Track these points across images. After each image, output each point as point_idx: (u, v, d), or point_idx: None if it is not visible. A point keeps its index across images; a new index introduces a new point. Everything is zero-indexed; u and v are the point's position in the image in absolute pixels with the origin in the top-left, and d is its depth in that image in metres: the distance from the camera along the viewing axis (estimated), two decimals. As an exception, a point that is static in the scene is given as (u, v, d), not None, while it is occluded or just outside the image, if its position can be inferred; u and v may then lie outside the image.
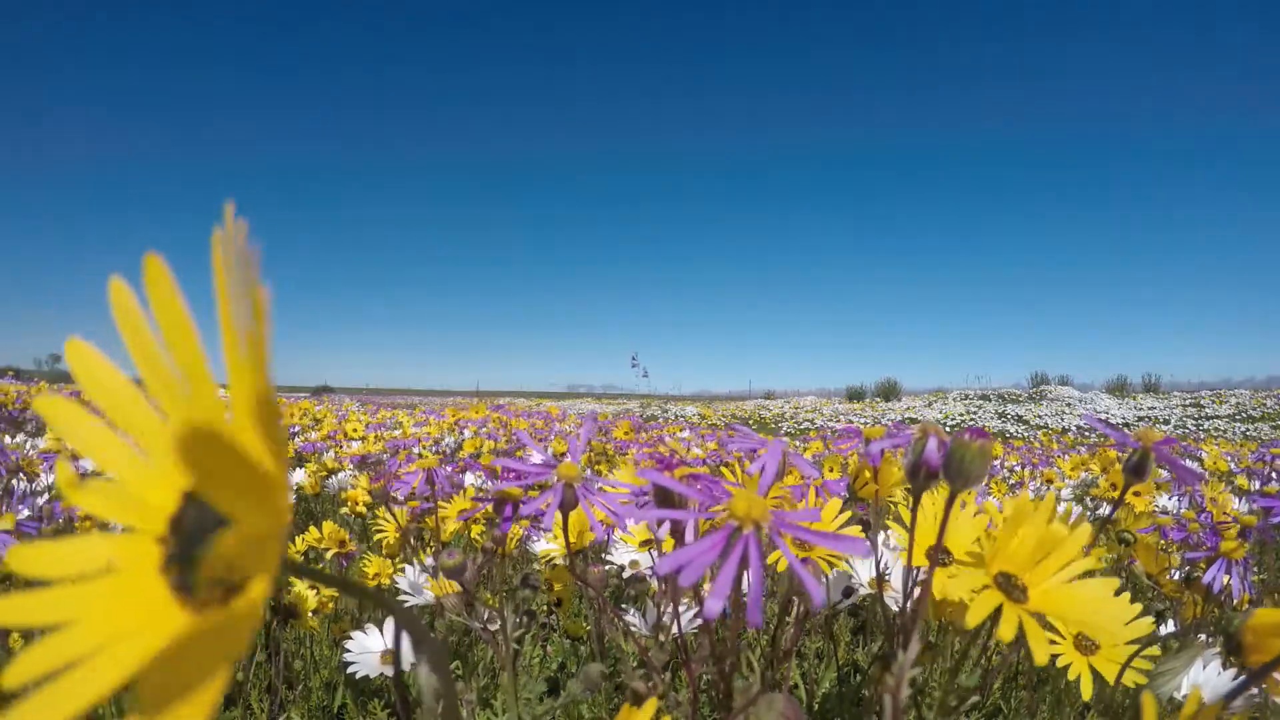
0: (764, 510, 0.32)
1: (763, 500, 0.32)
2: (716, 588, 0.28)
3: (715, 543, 0.30)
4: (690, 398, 23.55)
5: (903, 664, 0.42)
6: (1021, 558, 0.42)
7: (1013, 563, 0.42)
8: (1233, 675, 0.66)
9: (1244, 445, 6.05)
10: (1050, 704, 0.94)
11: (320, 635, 1.36)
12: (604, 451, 2.94)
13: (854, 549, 0.30)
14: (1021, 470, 3.42)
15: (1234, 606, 0.94)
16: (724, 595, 0.28)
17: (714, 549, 0.30)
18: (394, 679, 0.24)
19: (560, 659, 1.33)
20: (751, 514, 0.31)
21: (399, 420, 4.56)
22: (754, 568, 0.30)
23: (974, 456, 0.41)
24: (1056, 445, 7.10)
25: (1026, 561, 0.42)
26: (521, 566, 1.25)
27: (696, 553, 0.29)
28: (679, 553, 0.29)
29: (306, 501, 2.15)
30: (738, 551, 0.30)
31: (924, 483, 0.45)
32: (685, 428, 5.66)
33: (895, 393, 17.53)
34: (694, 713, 0.49)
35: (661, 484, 0.41)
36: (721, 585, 0.28)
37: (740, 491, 0.33)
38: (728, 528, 0.31)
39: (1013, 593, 0.41)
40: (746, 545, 0.31)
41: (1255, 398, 13.54)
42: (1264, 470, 2.50)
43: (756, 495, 0.33)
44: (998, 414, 13.65)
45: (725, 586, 0.28)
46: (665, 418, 13.45)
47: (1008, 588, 0.41)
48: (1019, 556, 0.42)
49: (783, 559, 0.31)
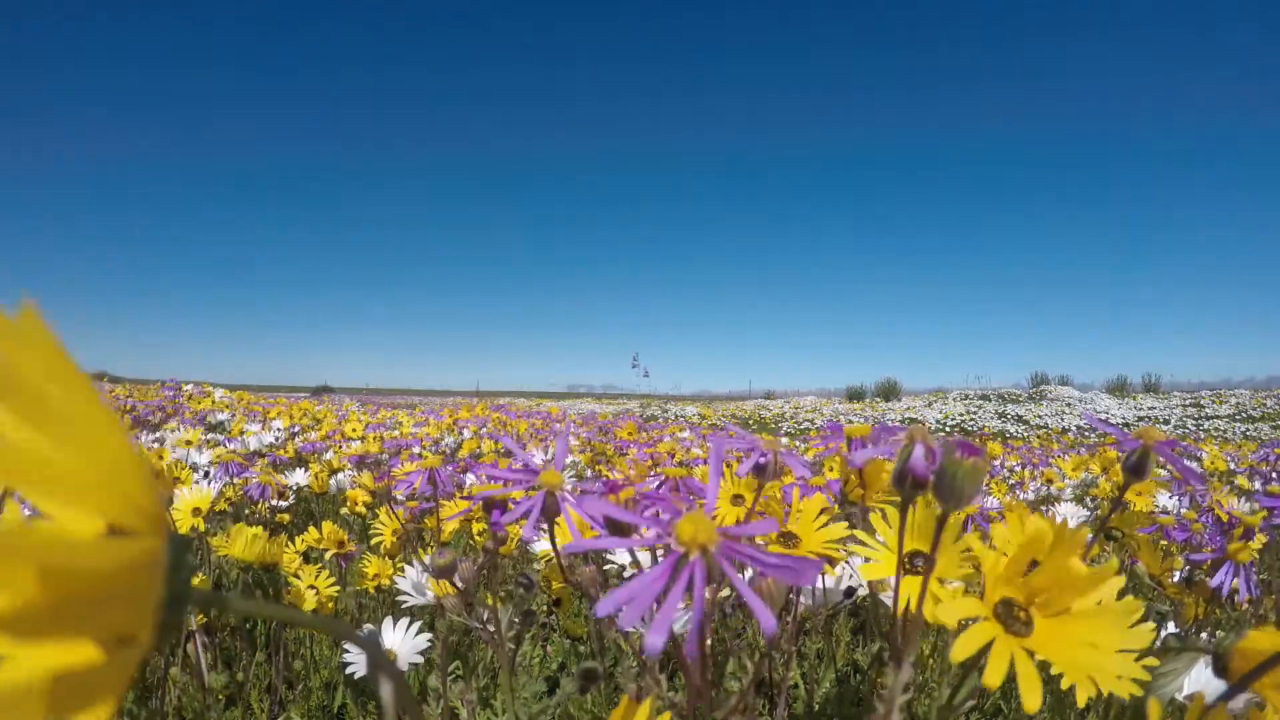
0: (710, 533, 0.30)
1: (708, 523, 0.31)
2: (656, 622, 0.26)
3: (661, 573, 0.29)
4: (690, 398, 23.55)
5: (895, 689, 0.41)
6: (1032, 588, 0.38)
7: (1018, 590, 0.38)
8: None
9: (1244, 445, 6.05)
10: (1050, 704, 0.94)
11: (320, 635, 1.36)
12: (603, 452, 2.94)
13: (801, 577, 0.29)
14: (1021, 470, 3.42)
15: (1235, 607, 0.94)
16: (664, 630, 0.26)
17: (660, 579, 0.29)
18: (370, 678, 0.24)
19: (560, 658, 1.32)
20: (697, 539, 0.30)
21: (399, 420, 4.56)
22: (696, 597, 0.29)
23: (965, 475, 0.39)
24: (1056, 445, 7.09)
25: (1035, 590, 0.38)
26: (521, 566, 1.25)
27: (638, 588, 0.28)
28: (618, 591, 0.28)
29: (306, 501, 2.15)
30: (683, 580, 0.29)
31: (910, 492, 0.43)
32: (685, 428, 5.66)
33: (895, 393, 17.52)
34: (691, 712, 0.49)
35: (606, 513, 0.40)
36: (662, 620, 0.27)
37: (687, 515, 0.31)
38: (674, 555, 0.30)
39: (1013, 624, 0.37)
40: (692, 573, 0.29)
41: (1255, 398, 13.53)
42: (1266, 470, 2.50)
43: (703, 517, 0.31)
44: (998, 414, 13.64)
45: (666, 620, 0.27)
46: (665, 418, 13.45)
47: (1008, 618, 0.37)
48: (1030, 586, 0.38)
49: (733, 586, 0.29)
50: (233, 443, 2.83)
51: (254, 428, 3.27)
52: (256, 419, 3.83)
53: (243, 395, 6.21)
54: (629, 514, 0.36)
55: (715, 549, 0.30)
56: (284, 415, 4.10)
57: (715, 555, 0.30)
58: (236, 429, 3.20)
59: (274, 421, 3.73)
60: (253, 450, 2.82)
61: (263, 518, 1.86)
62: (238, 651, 1.30)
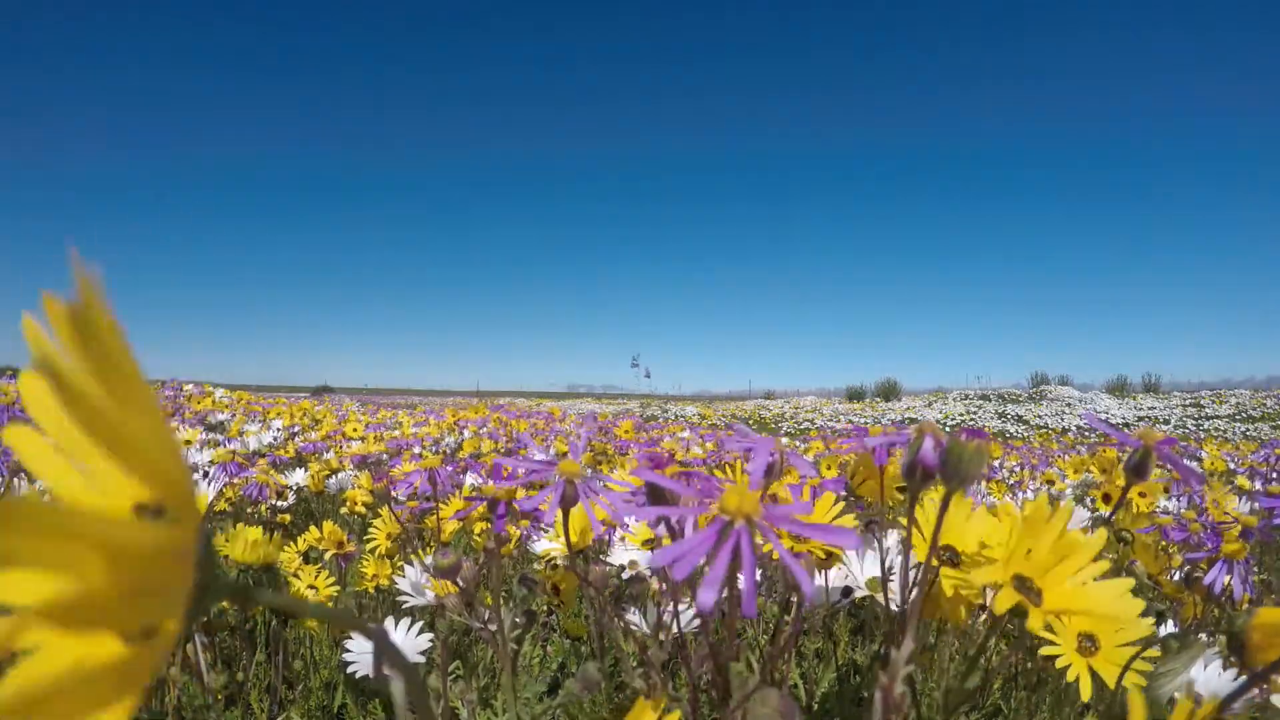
0: (754, 504, 0.32)
1: (753, 495, 0.33)
2: (708, 579, 0.29)
3: (708, 536, 0.31)
4: (690, 398, 23.55)
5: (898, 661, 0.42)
6: (1036, 562, 0.42)
7: (1027, 566, 0.43)
8: (1233, 676, 0.65)
9: (1244, 445, 6.05)
10: (1050, 704, 0.94)
11: (320, 635, 1.36)
12: (604, 451, 2.94)
13: (844, 540, 0.31)
14: (1021, 470, 3.42)
15: (1234, 606, 0.94)
16: (716, 586, 0.29)
17: (707, 542, 0.31)
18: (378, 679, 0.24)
19: (561, 658, 1.33)
20: (743, 508, 0.32)
21: (399, 420, 4.56)
22: (746, 560, 0.30)
23: (971, 456, 0.42)
24: (1056, 445, 7.09)
25: (1041, 566, 0.42)
26: (521, 566, 1.25)
27: (689, 546, 0.30)
28: (673, 546, 0.30)
29: (306, 501, 2.15)
30: (729, 545, 0.31)
31: (920, 482, 0.45)
32: (685, 428, 5.66)
33: (895, 393, 17.53)
34: (694, 711, 0.49)
35: (654, 482, 0.42)
36: (714, 577, 0.29)
37: (732, 487, 0.33)
38: (719, 522, 0.32)
39: (1029, 595, 0.42)
40: (739, 538, 0.31)
41: (1255, 398, 13.54)
42: (1266, 470, 2.50)
43: (747, 490, 0.33)
44: (998, 414, 13.64)
45: (718, 578, 0.29)
46: (665, 418, 13.45)
47: (1024, 590, 0.42)
48: (1034, 561, 0.43)
49: (775, 551, 0.31)
50: (233, 443, 2.83)
51: (254, 428, 3.27)
52: (256, 419, 3.83)
53: (243, 395, 6.21)
54: (675, 483, 0.37)
55: (759, 519, 0.32)
56: (284, 415, 4.10)
57: (760, 524, 0.32)
58: (236, 429, 3.20)
59: (274, 421, 3.74)
60: (253, 450, 2.82)
61: (263, 518, 1.86)
62: (237, 651, 1.30)
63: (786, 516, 0.32)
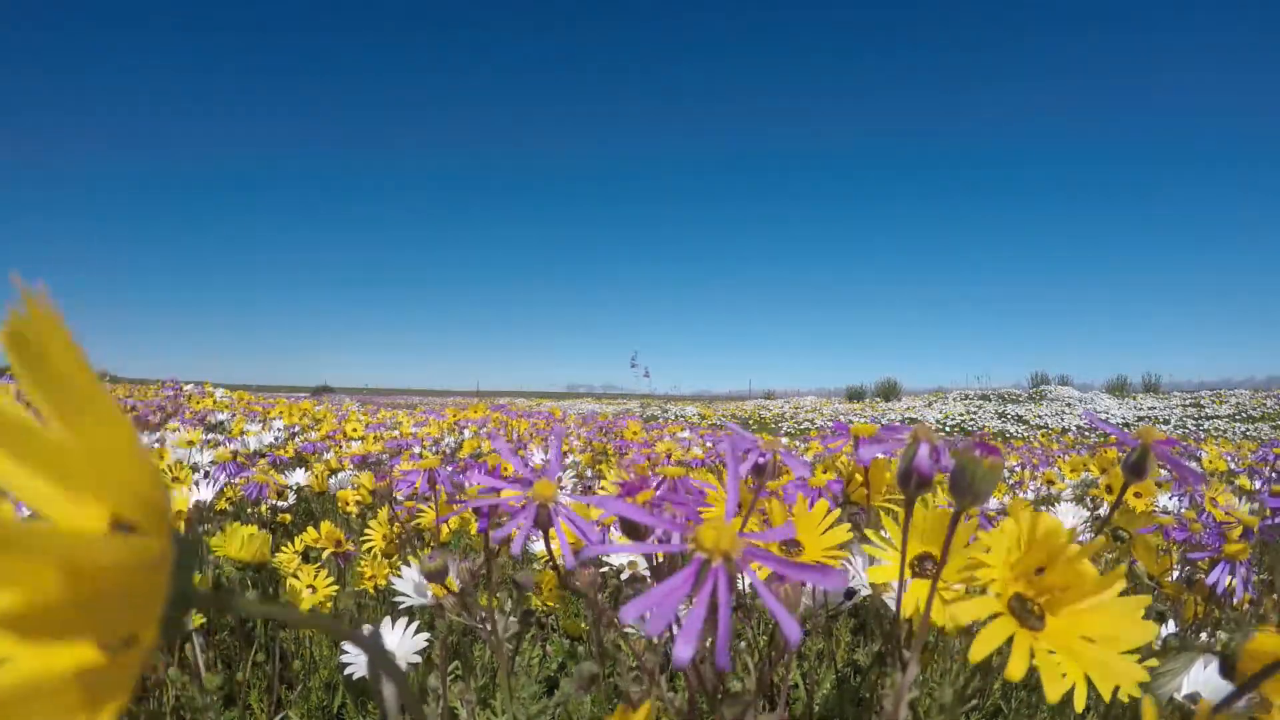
0: (732, 540, 0.29)
1: (731, 528, 0.30)
2: (684, 631, 0.26)
3: (685, 579, 0.28)
4: (690, 398, 23.55)
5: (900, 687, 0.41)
6: (1041, 583, 0.40)
7: (1029, 586, 0.40)
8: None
9: (1244, 445, 6.05)
10: (1052, 707, 0.93)
11: (319, 636, 1.36)
12: (604, 451, 2.94)
13: (829, 582, 0.29)
14: (1021, 471, 3.41)
15: (1234, 606, 0.93)
16: (693, 640, 0.26)
17: (684, 586, 0.28)
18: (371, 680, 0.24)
19: (559, 659, 1.32)
20: (720, 545, 0.29)
21: (399, 420, 4.55)
22: (723, 606, 0.28)
23: (984, 474, 0.40)
24: (1056, 445, 7.09)
25: (1045, 589, 0.40)
26: (520, 567, 1.25)
27: (662, 595, 0.27)
28: (643, 598, 0.27)
29: (306, 501, 2.15)
30: (707, 588, 0.28)
31: (915, 491, 0.44)
32: (685, 428, 5.66)
33: (895, 393, 17.52)
34: (691, 714, 0.49)
35: (623, 515, 0.39)
36: (690, 629, 0.26)
37: (709, 522, 0.30)
38: (696, 561, 0.29)
39: (1028, 619, 0.39)
40: (715, 580, 0.29)
41: (1255, 398, 13.53)
42: (1266, 470, 2.49)
43: (724, 523, 0.30)
44: (998, 414, 13.64)
45: (695, 630, 0.26)
46: (665, 418, 13.45)
47: (1022, 613, 0.39)
48: (1039, 582, 0.40)
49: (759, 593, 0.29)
50: (233, 443, 2.83)
51: (254, 428, 3.27)
52: (257, 419, 3.83)
53: (243, 395, 6.21)
54: (648, 516, 0.34)
55: (738, 556, 0.29)
56: (284, 415, 4.10)
57: (738, 562, 0.29)
58: (237, 429, 3.20)
59: (274, 421, 3.73)
60: (253, 450, 2.82)
61: (263, 518, 1.86)
62: (237, 651, 1.30)
63: (768, 554, 0.30)
